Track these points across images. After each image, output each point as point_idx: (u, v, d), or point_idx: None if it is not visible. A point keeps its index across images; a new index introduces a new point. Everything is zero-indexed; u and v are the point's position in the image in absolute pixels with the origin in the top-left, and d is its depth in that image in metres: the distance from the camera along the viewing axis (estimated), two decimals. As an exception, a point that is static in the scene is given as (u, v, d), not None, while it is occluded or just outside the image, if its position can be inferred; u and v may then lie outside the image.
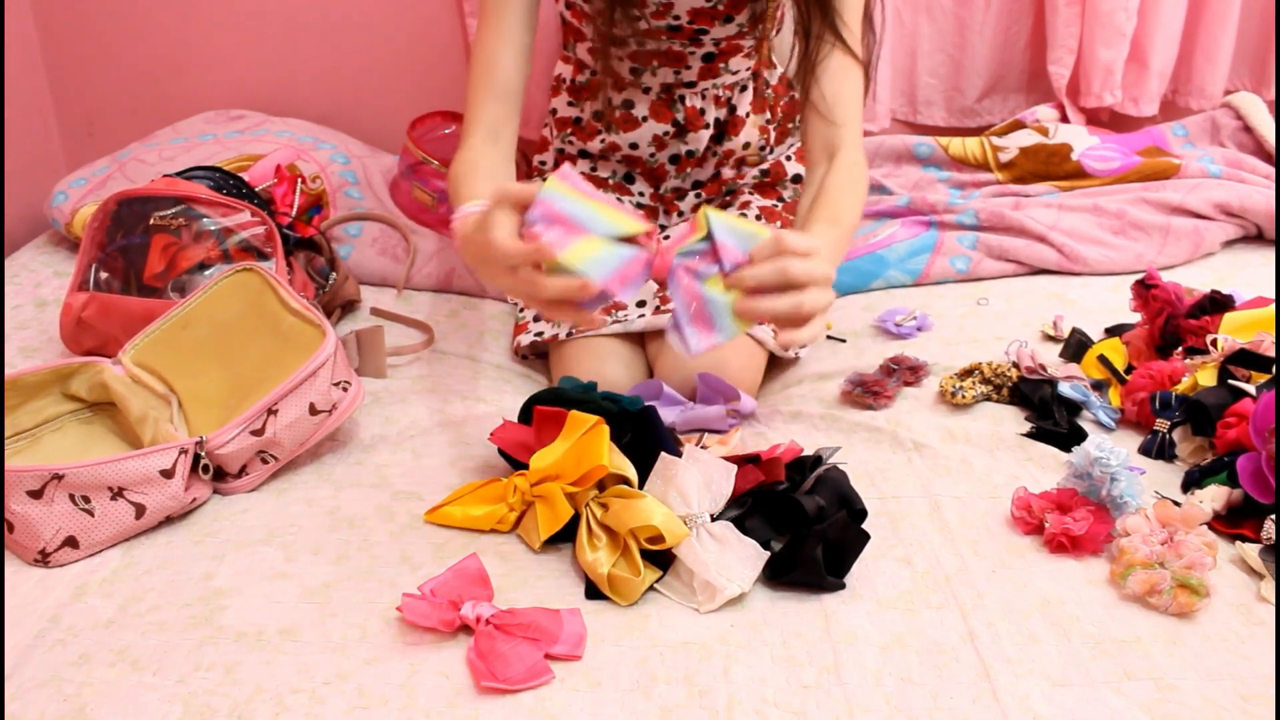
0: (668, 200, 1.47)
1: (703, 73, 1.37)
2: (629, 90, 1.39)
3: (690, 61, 1.35)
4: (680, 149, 1.43)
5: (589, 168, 1.47)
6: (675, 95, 1.39)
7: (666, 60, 1.35)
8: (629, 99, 1.40)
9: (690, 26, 1.30)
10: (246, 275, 1.20)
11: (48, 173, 1.92)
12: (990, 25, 1.87)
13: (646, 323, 1.29)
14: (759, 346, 1.28)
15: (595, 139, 1.44)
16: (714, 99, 1.40)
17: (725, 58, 1.35)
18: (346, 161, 1.75)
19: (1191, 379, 1.16)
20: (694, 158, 1.43)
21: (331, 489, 1.10)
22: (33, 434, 1.14)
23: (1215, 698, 0.82)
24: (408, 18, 1.88)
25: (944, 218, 1.63)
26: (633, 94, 1.39)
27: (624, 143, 1.42)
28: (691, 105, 1.39)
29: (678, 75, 1.37)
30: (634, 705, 0.83)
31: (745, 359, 1.26)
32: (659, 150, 1.42)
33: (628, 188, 1.47)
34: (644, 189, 1.47)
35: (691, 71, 1.36)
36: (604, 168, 1.47)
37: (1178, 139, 1.78)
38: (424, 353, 1.39)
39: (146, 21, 1.89)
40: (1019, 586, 0.95)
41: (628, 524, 0.94)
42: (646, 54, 1.34)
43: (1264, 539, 0.97)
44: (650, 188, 1.47)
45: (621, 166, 1.46)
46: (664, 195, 1.47)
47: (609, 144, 1.43)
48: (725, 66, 1.37)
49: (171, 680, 0.85)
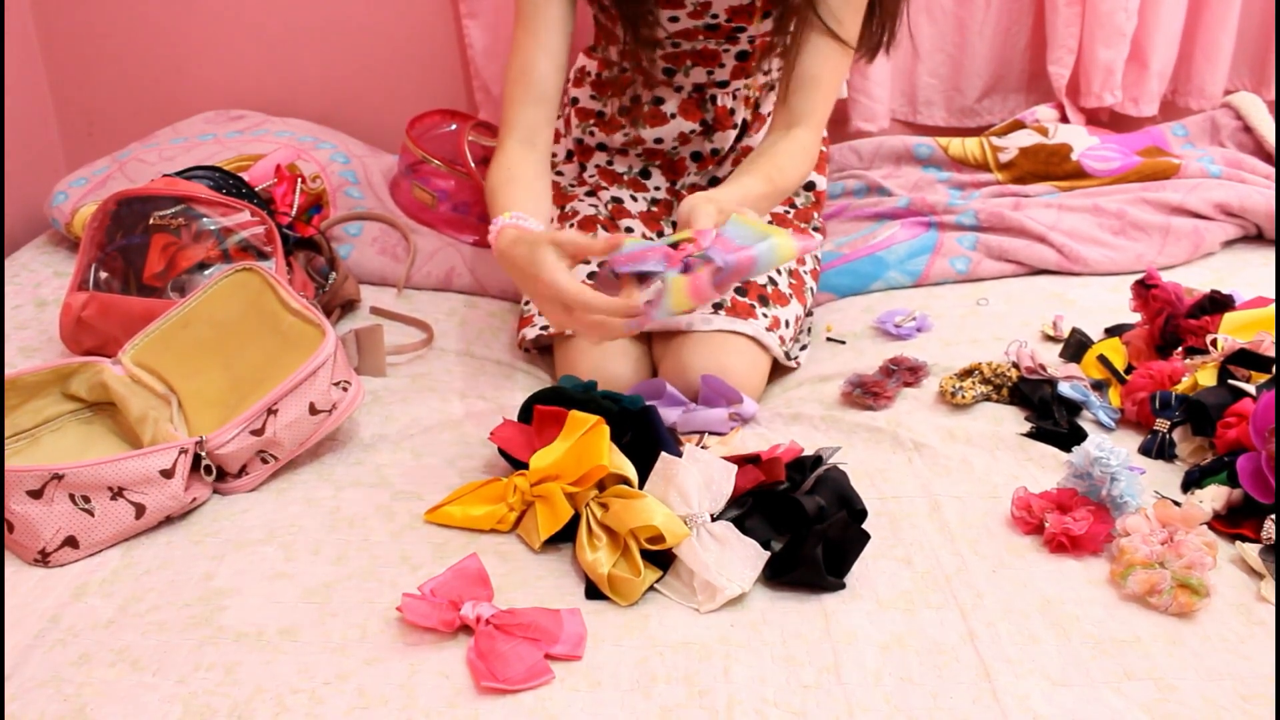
0: (683, 197, 1.47)
1: (735, 71, 1.37)
2: (660, 88, 1.40)
3: (724, 59, 1.36)
4: (705, 147, 1.43)
5: (606, 161, 1.48)
6: (707, 95, 1.39)
7: (700, 59, 1.35)
8: (659, 96, 1.40)
9: (729, 25, 1.31)
10: (246, 275, 1.20)
11: (48, 173, 1.92)
12: (990, 25, 1.87)
13: (655, 323, 1.29)
14: (763, 351, 1.28)
15: (618, 133, 1.44)
16: (744, 99, 1.40)
17: (758, 56, 1.36)
18: (346, 161, 1.75)
19: (1191, 379, 1.16)
20: (717, 156, 1.43)
21: (331, 489, 1.10)
22: (33, 434, 1.14)
23: (1215, 698, 0.82)
24: (407, 18, 1.88)
25: (944, 218, 1.63)
26: (664, 91, 1.40)
27: (649, 138, 1.43)
28: (722, 105, 1.40)
29: (710, 75, 1.37)
30: (634, 705, 0.83)
31: (749, 363, 1.26)
32: (682, 145, 1.43)
33: (644, 183, 1.47)
34: (660, 183, 1.47)
35: (725, 70, 1.37)
36: (621, 162, 1.47)
37: (1178, 139, 1.78)
38: (424, 351, 1.39)
39: (146, 21, 1.89)
40: (1019, 586, 0.95)
41: (628, 524, 0.94)
42: (681, 54, 1.34)
43: (1264, 539, 0.97)
44: (667, 182, 1.47)
45: (640, 161, 1.46)
46: (680, 191, 1.47)
47: (633, 138, 1.44)
48: (757, 65, 1.37)
49: (171, 680, 0.85)
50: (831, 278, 1.55)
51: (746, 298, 1.30)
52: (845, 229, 1.67)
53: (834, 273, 1.55)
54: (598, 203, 1.43)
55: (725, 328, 1.26)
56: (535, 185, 1.22)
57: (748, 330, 1.26)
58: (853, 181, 1.77)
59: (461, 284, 1.56)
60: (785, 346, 1.31)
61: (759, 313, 1.29)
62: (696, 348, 1.25)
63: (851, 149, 1.82)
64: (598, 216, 1.41)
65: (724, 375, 1.23)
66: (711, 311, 1.27)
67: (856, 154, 1.82)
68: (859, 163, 1.81)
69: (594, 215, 1.41)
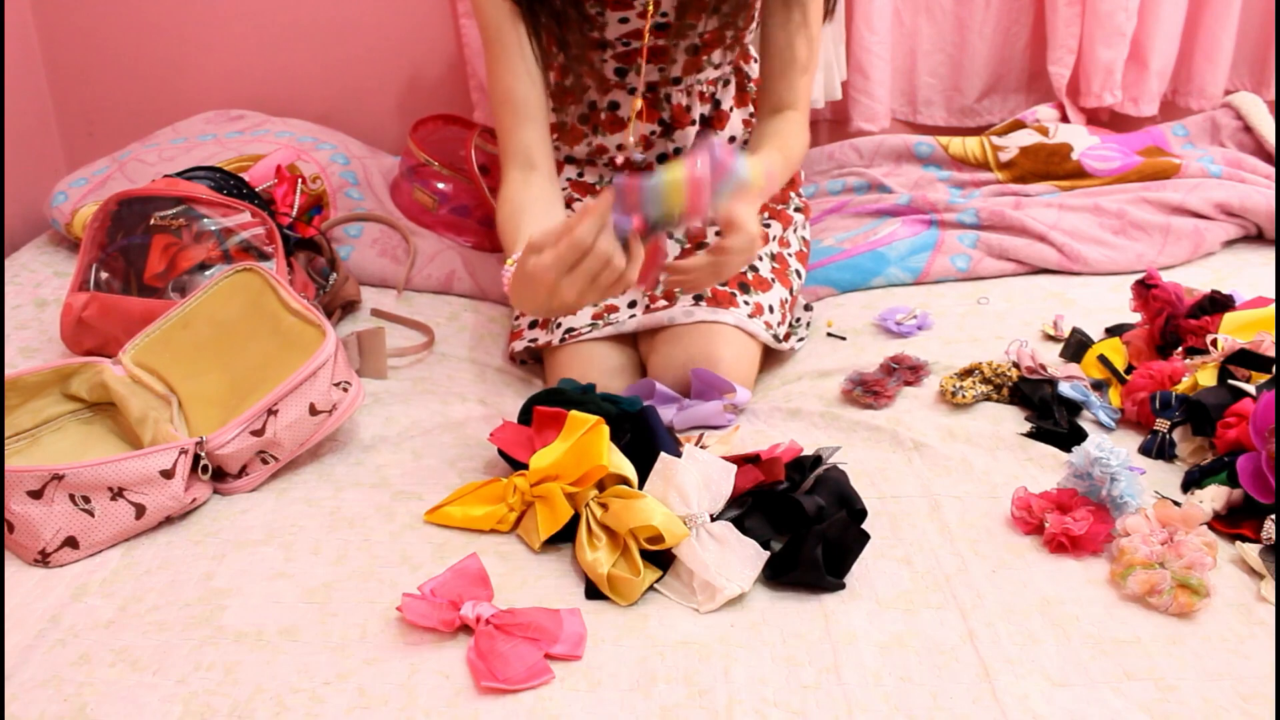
0: None
1: (687, 67, 1.37)
2: (614, 91, 1.40)
3: (675, 55, 1.36)
4: (668, 147, 1.43)
5: (576, 174, 1.48)
6: (661, 94, 1.39)
7: (651, 57, 1.35)
8: (614, 100, 1.40)
9: (678, 22, 1.31)
10: (246, 275, 1.20)
11: (48, 173, 1.92)
12: (990, 25, 1.87)
13: (638, 323, 1.29)
14: (751, 340, 1.28)
15: (582, 143, 1.44)
16: (699, 95, 1.41)
17: (709, 50, 1.36)
18: (347, 162, 1.75)
19: (1191, 379, 1.16)
20: (680, 154, 1.43)
21: (332, 489, 1.10)
22: (33, 434, 1.14)
23: (1215, 698, 0.82)
24: (407, 18, 1.88)
25: (944, 216, 1.63)
26: (618, 95, 1.40)
27: (611, 144, 1.43)
28: (678, 103, 1.40)
29: (663, 72, 1.37)
30: (634, 705, 0.83)
31: (736, 351, 1.26)
32: (647, 150, 1.43)
33: None
34: None
35: (677, 66, 1.37)
36: (591, 173, 1.47)
37: (1178, 139, 1.78)
38: (424, 354, 1.39)
39: (146, 21, 1.89)
40: (1019, 586, 0.94)
41: (627, 524, 0.94)
42: (632, 53, 1.34)
43: (1264, 539, 0.97)
44: None
45: (609, 170, 1.46)
46: None
47: (596, 146, 1.44)
48: (709, 60, 1.37)
49: (171, 680, 0.85)
50: (832, 273, 1.55)
51: (727, 286, 1.30)
52: (846, 225, 1.67)
53: (834, 268, 1.55)
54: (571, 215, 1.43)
55: (707, 318, 1.26)
56: (536, 209, 1.23)
57: (729, 320, 1.26)
58: (853, 179, 1.77)
59: (462, 288, 1.56)
60: (773, 330, 1.31)
61: (740, 300, 1.29)
62: (682, 340, 1.25)
63: (852, 147, 1.82)
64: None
65: (712, 365, 1.23)
66: (693, 303, 1.28)
67: (857, 152, 1.82)
68: (859, 160, 1.82)
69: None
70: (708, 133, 1.05)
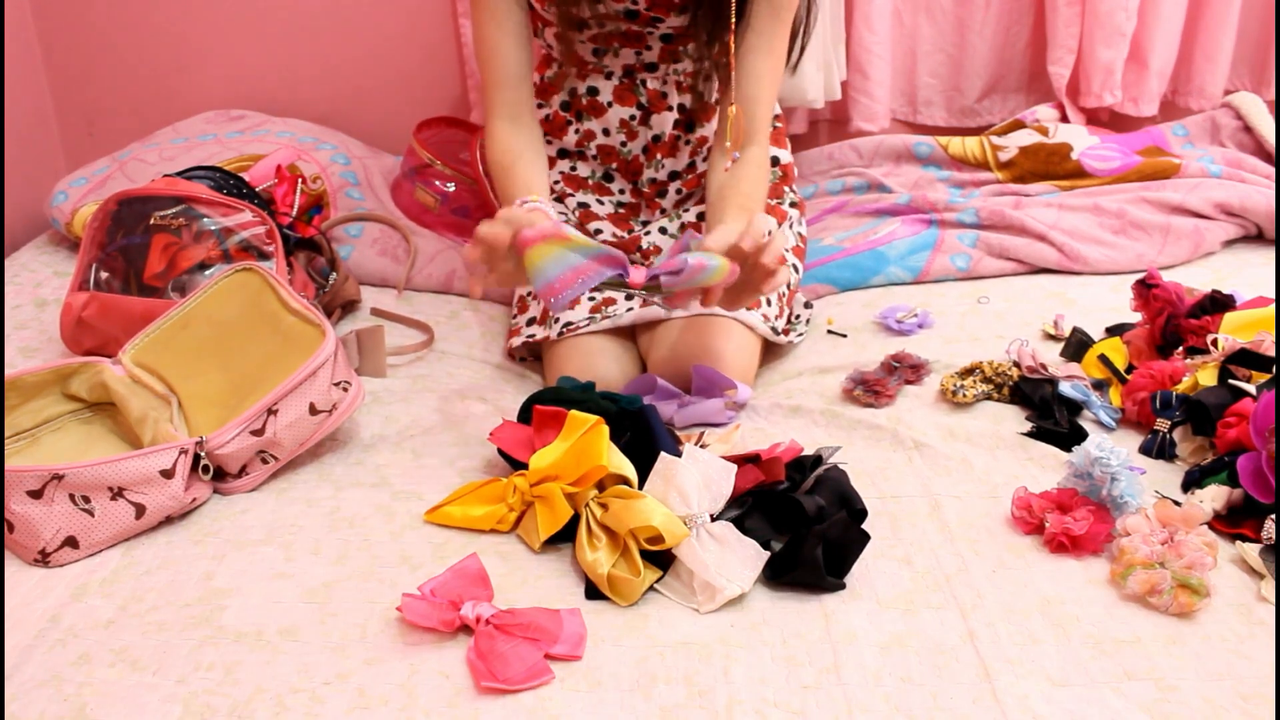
0: (648, 196, 1.48)
1: (663, 54, 1.38)
2: (592, 76, 1.41)
3: (650, 42, 1.37)
4: (648, 134, 1.43)
5: (569, 167, 1.48)
6: (637, 80, 1.41)
7: (627, 41, 1.37)
8: (593, 85, 1.42)
9: (647, 14, 1.32)
10: (246, 275, 1.20)
11: (48, 173, 1.92)
12: (990, 25, 1.87)
13: (635, 315, 1.29)
14: (750, 333, 1.28)
15: (569, 131, 1.45)
16: (675, 84, 1.41)
17: (685, 40, 1.37)
18: (347, 162, 1.75)
19: (1192, 379, 1.16)
20: (661, 142, 1.43)
21: (331, 489, 1.10)
22: (33, 434, 1.14)
23: (1215, 698, 0.82)
24: (407, 19, 1.88)
25: (944, 216, 1.63)
26: (595, 79, 1.41)
27: (596, 129, 1.44)
28: (653, 89, 1.41)
29: (639, 57, 1.39)
30: (634, 705, 0.83)
31: (737, 345, 1.26)
32: (630, 140, 1.43)
33: (608, 186, 1.47)
34: (623, 185, 1.48)
35: (652, 53, 1.38)
36: (584, 166, 1.48)
37: (1178, 139, 1.78)
38: (424, 353, 1.39)
39: (146, 21, 1.89)
40: (1019, 586, 0.94)
41: (627, 524, 0.94)
42: (607, 35, 1.35)
43: (1264, 539, 0.97)
44: (629, 183, 1.48)
45: (599, 165, 1.47)
46: (643, 191, 1.48)
47: (584, 133, 1.45)
48: (685, 50, 1.38)
49: (171, 680, 0.85)
50: (832, 271, 1.55)
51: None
52: (846, 224, 1.67)
53: (834, 266, 1.55)
54: (565, 210, 1.44)
55: (705, 311, 1.26)
56: (529, 155, 1.30)
57: (728, 313, 1.26)
58: (853, 179, 1.77)
59: (462, 287, 1.56)
60: (771, 323, 1.31)
61: None
62: (683, 333, 1.26)
63: (852, 147, 1.82)
64: (567, 222, 1.42)
65: (714, 359, 1.23)
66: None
67: (857, 152, 1.82)
68: (859, 160, 1.82)
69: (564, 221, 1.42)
70: (689, 230, 1.09)
